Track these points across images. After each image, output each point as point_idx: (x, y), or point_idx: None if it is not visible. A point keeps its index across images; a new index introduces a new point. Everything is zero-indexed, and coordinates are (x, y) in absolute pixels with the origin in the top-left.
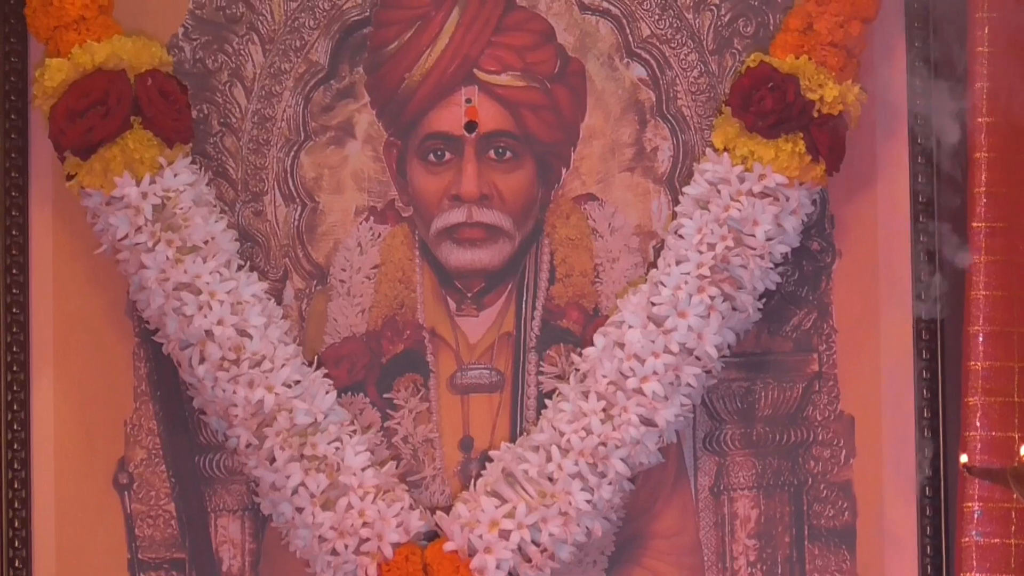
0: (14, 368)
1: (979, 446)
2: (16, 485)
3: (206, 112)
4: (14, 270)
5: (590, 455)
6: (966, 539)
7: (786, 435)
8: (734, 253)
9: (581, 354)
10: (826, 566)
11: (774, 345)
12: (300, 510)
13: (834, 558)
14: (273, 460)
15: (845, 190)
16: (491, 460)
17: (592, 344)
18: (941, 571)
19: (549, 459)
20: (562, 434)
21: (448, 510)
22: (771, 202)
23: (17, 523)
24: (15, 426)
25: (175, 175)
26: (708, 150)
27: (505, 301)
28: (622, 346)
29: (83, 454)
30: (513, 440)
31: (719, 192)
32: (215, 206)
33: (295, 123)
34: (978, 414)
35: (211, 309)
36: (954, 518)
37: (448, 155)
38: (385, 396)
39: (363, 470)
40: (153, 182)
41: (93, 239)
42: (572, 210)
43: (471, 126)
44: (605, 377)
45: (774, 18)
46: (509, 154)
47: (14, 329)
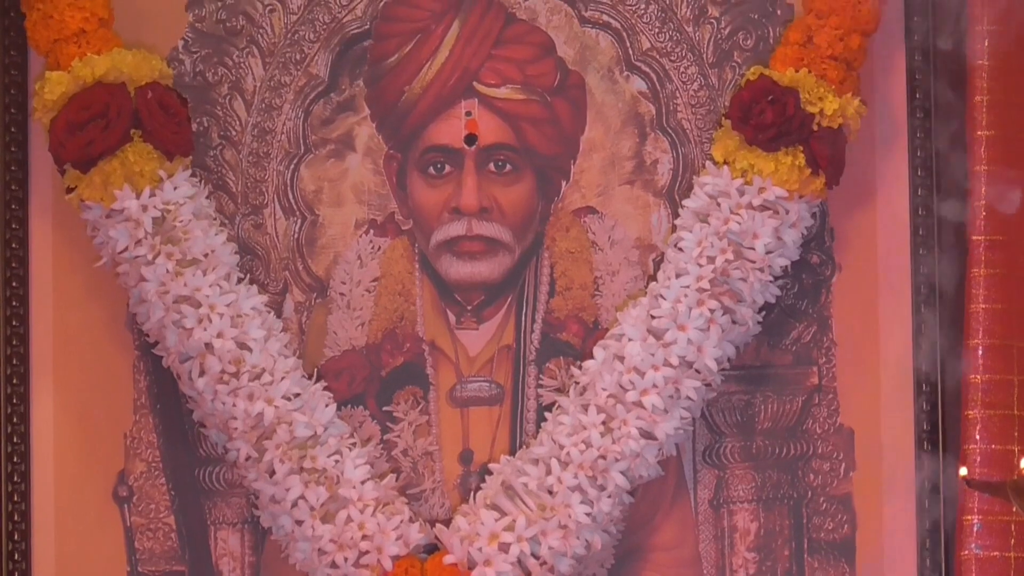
0: (14, 381)
1: (979, 459)
2: (16, 497)
3: (206, 125)
4: (14, 283)
5: (590, 468)
6: (966, 552)
7: (786, 448)
8: (734, 266)
9: (581, 367)
10: None
11: (774, 358)
12: (300, 523)
13: (834, 571)
14: (273, 473)
15: (845, 203)
16: (491, 473)
17: (592, 357)
18: None
19: (549, 472)
20: (562, 447)
21: (448, 523)
22: (771, 215)
23: (17, 535)
24: (15, 438)
25: (175, 188)
26: (708, 163)
27: (505, 314)
28: (622, 359)
29: (83, 467)
30: (513, 453)
31: (719, 205)
32: (215, 219)
33: (295, 136)
34: (978, 427)
35: (211, 322)
36: (954, 531)
37: (448, 168)
38: (385, 409)
39: (363, 483)
40: (153, 195)
41: (93, 252)
42: (572, 223)
43: (471, 139)
44: (605, 390)
45: (774, 31)
46: (509, 167)
47: (14, 342)
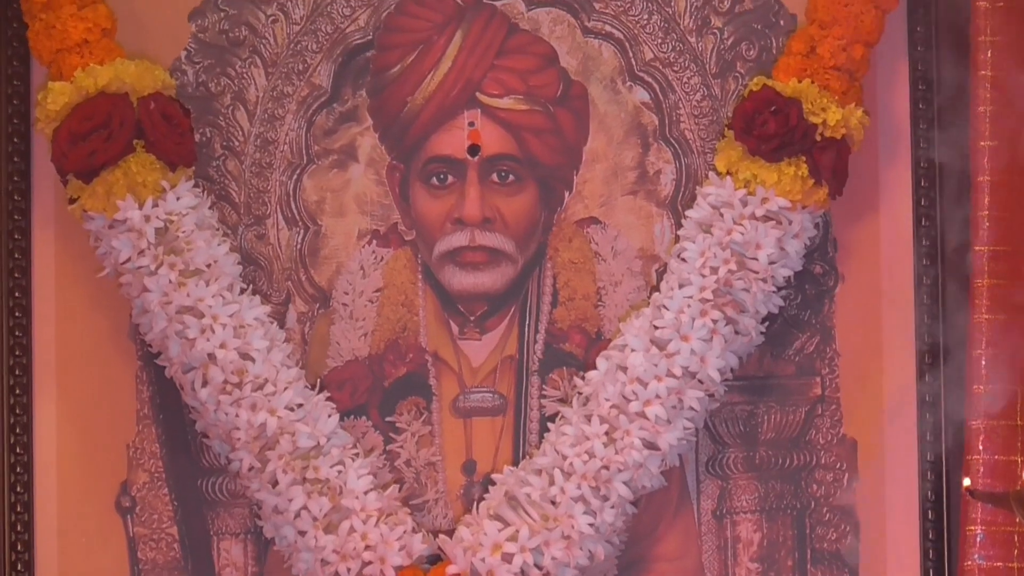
0: (17, 391)
1: (982, 469)
2: (19, 508)
3: (209, 135)
4: (16, 293)
5: (593, 479)
6: (969, 563)
7: (789, 459)
8: (737, 277)
9: (584, 377)
10: None
11: (777, 369)
12: (303, 533)
13: None
14: (276, 483)
15: (848, 213)
16: (494, 483)
17: (595, 367)
18: None
19: (552, 482)
20: (565, 457)
21: (451, 533)
22: (774, 226)
23: (20, 546)
24: (18, 449)
25: (178, 198)
26: (711, 173)
27: (508, 324)
28: (625, 370)
29: (85, 477)
30: (516, 463)
31: (722, 215)
32: (218, 229)
33: (298, 146)
34: (981, 437)
35: (214, 332)
36: (957, 542)
37: (451, 178)
38: (388, 419)
39: (366, 493)
40: (156, 205)
41: (96, 262)
42: (575, 233)
43: (474, 149)
44: (608, 401)
45: (777, 41)
46: (512, 177)
47: (17, 352)
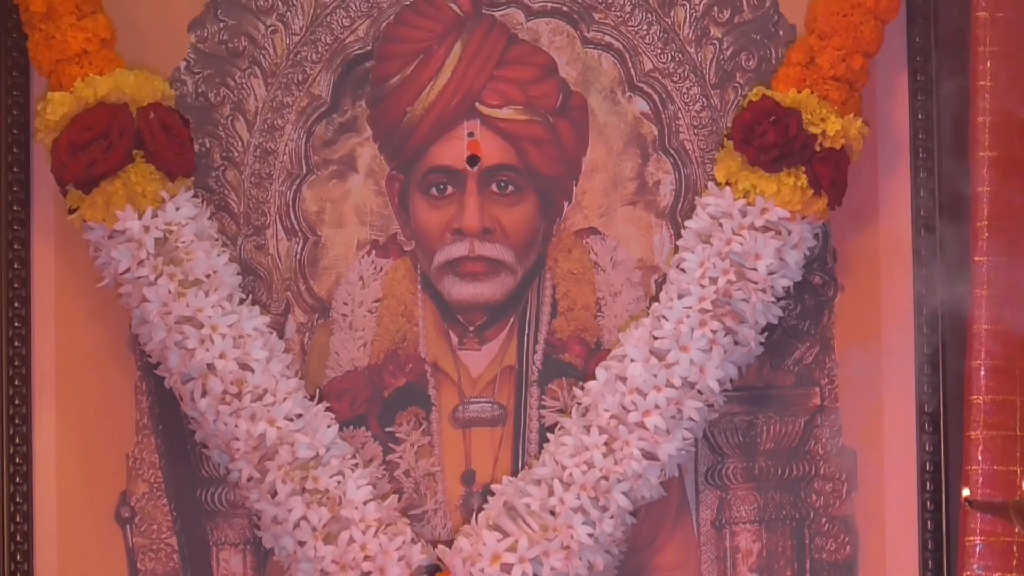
0: (16, 401)
1: (981, 480)
2: (18, 518)
3: (208, 146)
4: (16, 303)
5: (592, 489)
6: (968, 573)
7: (788, 469)
8: (736, 287)
9: (583, 388)
10: None
11: (776, 379)
12: (302, 544)
13: None
14: (275, 494)
15: (847, 224)
16: (493, 494)
17: (594, 378)
18: None
19: (551, 493)
20: (564, 468)
21: (450, 544)
22: (773, 236)
23: (19, 556)
24: (17, 459)
25: (177, 209)
26: (710, 184)
27: (507, 335)
28: (624, 380)
29: (85, 488)
30: (515, 474)
31: (721, 226)
32: (217, 240)
33: (297, 157)
34: (980, 448)
35: (213, 343)
36: (956, 552)
37: (450, 189)
38: (387, 430)
39: (365, 504)
40: (155, 216)
41: (95, 273)
42: (574, 244)
43: (473, 160)
44: (607, 411)
45: (776, 52)
46: (511, 188)
47: (16, 362)
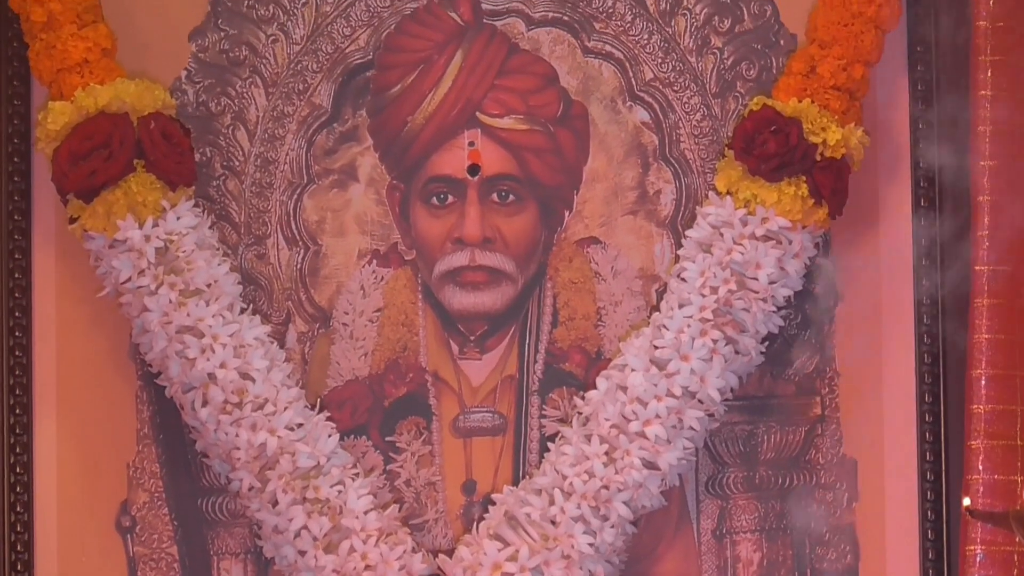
0: (17, 411)
1: (981, 489)
2: (19, 528)
3: (209, 155)
4: (17, 313)
5: (592, 498)
6: None
7: (789, 478)
8: (737, 296)
9: (584, 397)
10: None
11: (777, 388)
12: (303, 553)
13: None
14: (276, 503)
15: (848, 233)
16: (494, 503)
17: (595, 387)
18: None
19: (552, 502)
20: (565, 477)
21: (451, 553)
22: (774, 245)
23: (20, 566)
24: (18, 469)
25: (178, 218)
26: (711, 193)
27: (508, 344)
28: (625, 389)
29: (86, 497)
30: (516, 483)
31: (722, 235)
32: (218, 249)
33: (298, 166)
34: (980, 457)
35: (214, 352)
36: (957, 561)
37: (451, 198)
38: (388, 439)
39: (366, 513)
40: (156, 225)
41: (96, 282)
42: (575, 253)
43: (474, 169)
44: (607, 420)
45: (777, 61)
46: (512, 197)
47: (17, 372)
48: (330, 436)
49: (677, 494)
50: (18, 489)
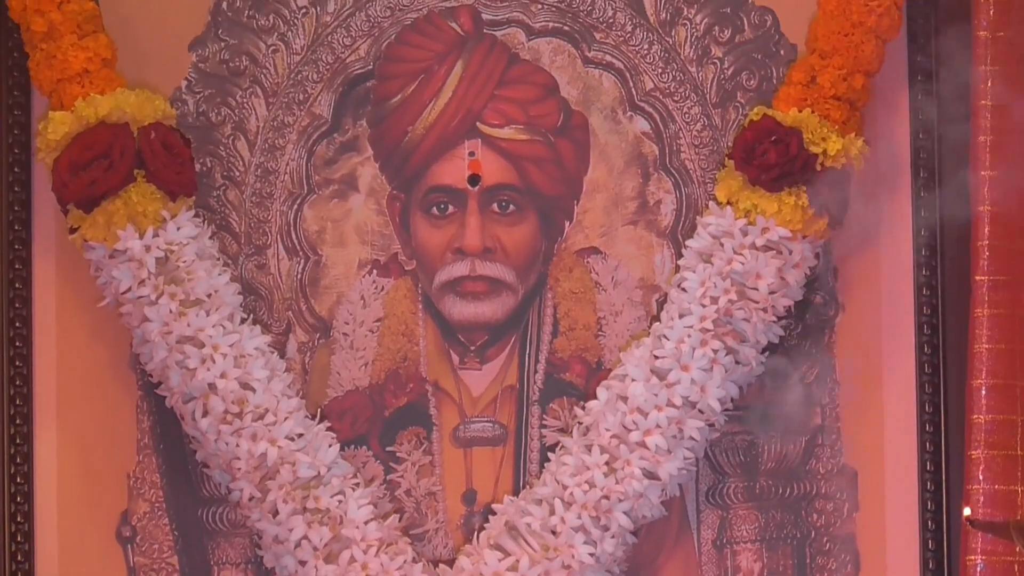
0: (17, 421)
1: (982, 499)
2: (20, 538)
3: (209, 165)
4: (17, 323)
5: (593, 508)
6: None
7: (789, 488)
8: (737, 306)
9: (584, 407)
10: None
11: (777, 398)
12: (303, 563)
13: None
14: (276, 513)
15: (848, 243)
16: (494, 513)
17: (595, 397)
18: None
19: (552, 512)
20: (565, 487)
21: (451, 563)
22: (774, 255)
23: None
24: (18, 479)
25: (178, 228)
26: (711, 203)
27: (508, 354)
28: (625, 399)
29: (86, 507)
30: (516, 493)
31: (722, 245)
32: (218, 259)
33: (298, 176)
34: (981, 467)
35: (214, 362)
36: (957, 572)
37: (451, 208)
38: (388, 449)
39: (366, 523)
40: (156, 235)
41: (96, 292)
42: (575, 263)
43: (474, 179)
44: (608, 430)
45: (777, 71)
46: (512, 207)
47: (17, 382)
48: (331, 446)
49: (677, 504)
50: (19, 499)
